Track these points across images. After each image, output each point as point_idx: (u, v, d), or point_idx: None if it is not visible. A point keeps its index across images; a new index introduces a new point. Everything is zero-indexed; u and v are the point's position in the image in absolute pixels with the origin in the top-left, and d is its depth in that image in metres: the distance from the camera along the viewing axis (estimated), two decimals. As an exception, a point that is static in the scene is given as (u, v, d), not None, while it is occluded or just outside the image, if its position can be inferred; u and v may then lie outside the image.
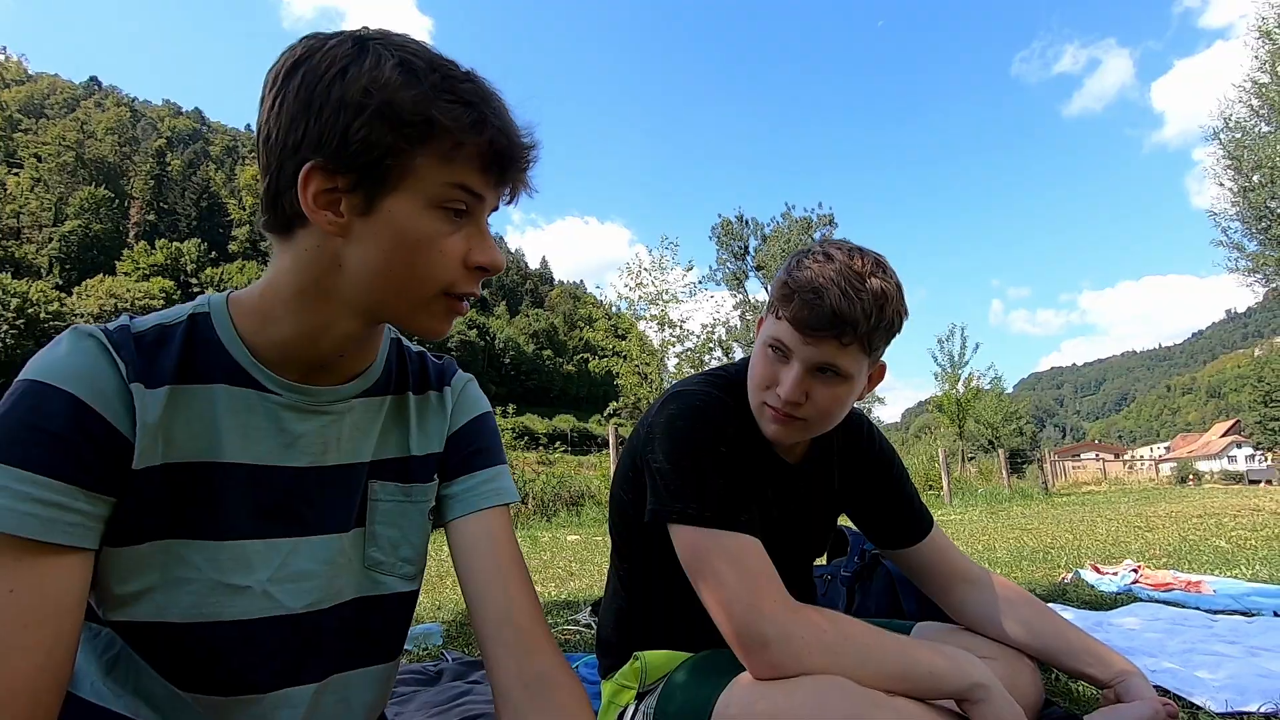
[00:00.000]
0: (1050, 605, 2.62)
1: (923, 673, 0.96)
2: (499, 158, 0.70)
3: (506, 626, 0.80)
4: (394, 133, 0.66)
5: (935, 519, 1.34)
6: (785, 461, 1.22)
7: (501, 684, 0.78)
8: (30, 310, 62.85)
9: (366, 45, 0.68)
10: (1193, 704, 1.43)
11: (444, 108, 0.66)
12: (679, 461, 1.07)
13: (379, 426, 0.86)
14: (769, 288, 1.15)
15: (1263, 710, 1.36)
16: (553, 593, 3.65)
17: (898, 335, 1.11)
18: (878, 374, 1.16)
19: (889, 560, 1.46)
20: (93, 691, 0.77)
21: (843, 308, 1.01)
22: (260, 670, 0.77)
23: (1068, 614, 2.47)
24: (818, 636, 0.95)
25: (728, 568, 1.00)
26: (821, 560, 2.22)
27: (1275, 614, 2.31)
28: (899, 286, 1.07)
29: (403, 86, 0.66)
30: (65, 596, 0.64)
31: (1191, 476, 27.50)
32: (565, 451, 17.94)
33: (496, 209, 0.76)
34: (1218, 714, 1.38)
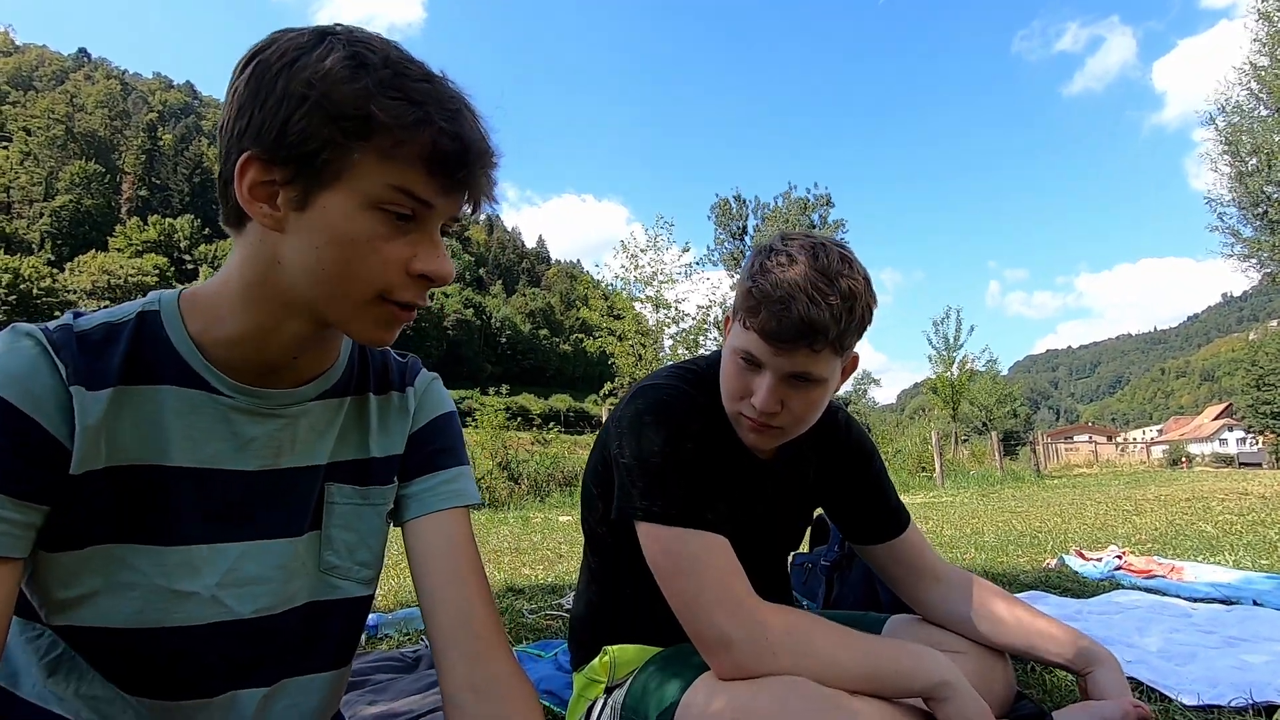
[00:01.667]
0: (1033, 591, 2.64)
1: (888, 672, 0.96)
2: (444, 160, 0.66)
3: (460, 631, 0.79)
4: (331, 126, 0.63)
5: (926, 501, 1.33)
6: (756, 457, 1.20)
7: (451, 689, 0.77)
8: (23, 287, 62.38)
9: (324, 38, 0.65)
10: (1165, 697, 1.44)
11: (385, 104, 0.63)
12: (644, 459, 1.05)
13: (337, 428, 0.84)
14: (734, 288, 1.11)
15: (1234, 704, 1.36)
16: (540, 575, 3.66)
17: (869, 327, 1.08)
18: (851, 365, 1.14)
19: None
20: (34, 693, 0.75)
21: (812, 315, 0.97)
22: (207, 675, 0.76)
23: (1050, 600, 2.48)
24: (782, 637, 0.94)
25: (692, 567, 0.99)
26: (804, 548, 2.21)
27: (1255, 603, 2.32)
28: (867, 279, 1.04)
29: (346, 80, 0.63)
30: None
31: (1184, 459, 27.68)
32: (560, 431, 17.98)
33: (457, 219, 0.73)
34: (1190, 707, 1.38)
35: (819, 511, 1.41)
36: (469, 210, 0.73)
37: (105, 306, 0.77)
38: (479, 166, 0.69)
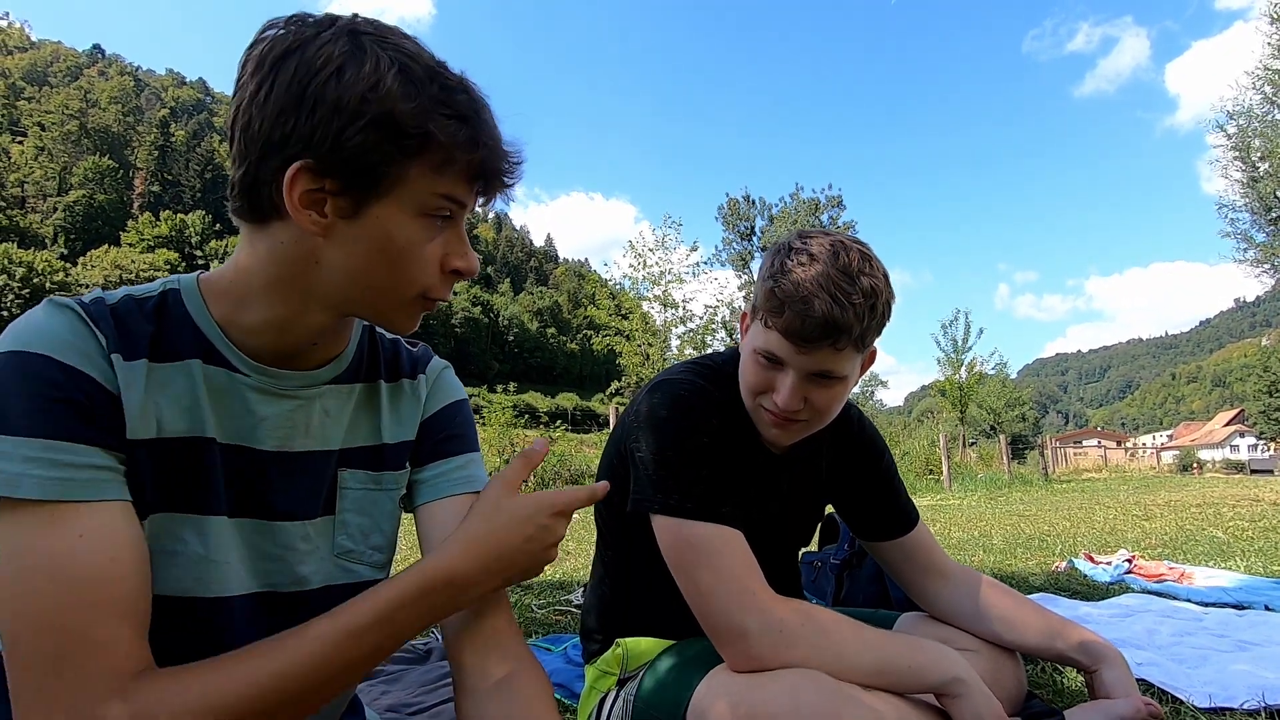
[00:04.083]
0: (1042, 594, 2.63)
1: (901, 667, 0.96)
2: (491, 175, 0.72)
3: (472, 618, 0.80)
4: (390, 142, 0.66)
5: (934, 503, 1.33)
6: (771, 452, 1.20)
7: (465, 679, 0.78)
8: (36, 280, 62.91)
9: (362, 43, 0.66)
10: (1177, 699, 1.43)
11: (441, 123, 0.67)
12: (661, 453, 1.06)
13: (349, 414, 0.85)
14: (754, 286, 1.12)
15: (1246, 707, 1.36)
16: (547, 571, 3.67)
17: (888, 323, 1.09)
18: (869, 360, 1.14)
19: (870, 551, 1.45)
20: None
21: (835, 315, 0.98)
22: (231, 649, 0.77)
23: (1060, 603, 2.48)
24: (796, 630, 0.95)
25: (708, 560, 0.99)
26: (813, 546, 2.22)
27: (1266, 608, 2.31)
28: (885, 275, 1.04)
29: (402, 97, 0.65)
30: (130, 529, 0.65)
31: (1195, 465, 27.47)
32: (567, 429, 18.04)
33: (473, 211, 0.77)
34: (1202, 709, 1.38)
35: (829, 509, 1.42)
36: (483, 205, 0.78)
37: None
38: (514, 176, 0.74)
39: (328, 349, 0.82)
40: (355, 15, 0.70)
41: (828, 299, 0.97)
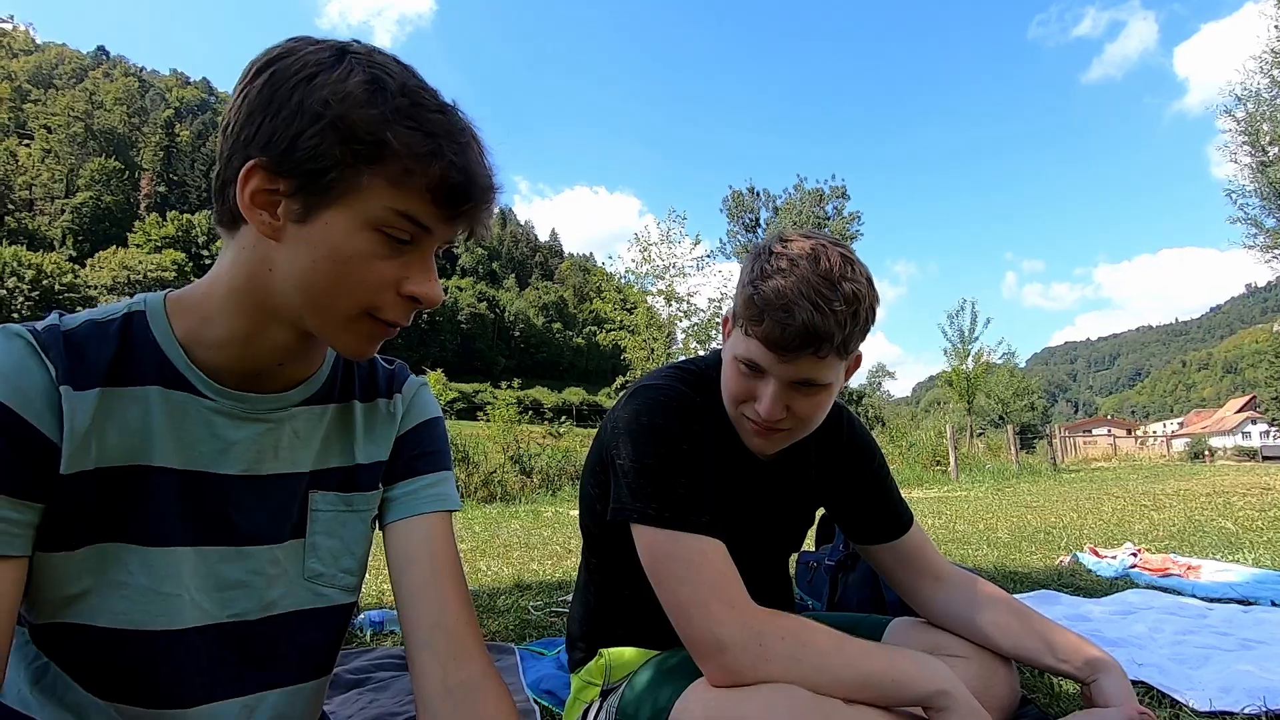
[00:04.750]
0: (1044, 590, 2.60)
1: (885, 680, 0.93)
2: (452, 192, 0.68)
3: (437, 633, 0.79)
4: (343, 148, 0.64)
5: (941, 495, 1.29)
6: (756, 459, 1.17)
7: (424, 691, 0.77)
8: (45, 283, 63.36)
9: (344, 56, 0.66)
10: (1176, 702, 1.40)
11: (400, 132, 0.65)
12: (641, 460, 1.03)
13: (321, 436, 0.84)
14: (735, 291, 1.09)
15: (1247, 710, 1.33)
16: (548, 571, 3.66)
17: (873, 327, 1.06)
18: (854, 364, 1.11)
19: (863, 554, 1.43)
20: (19, 700, 0.75)
21: (816, 322, 0.94)
22: (186, 682, 0.75)
23: (1062, 600, 2.44)
24: (775, 643, 0.92)
25: (687, 571, 0.97)
26: (811, 546, 2.19)
27: (1273, 603, 2.27)
28: (869, 279, 1.01)
29: (363, 104, 0.64)
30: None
31: (1206, 453, 27.27)
32: (573, 425, 18.08)
33: (450, 243, 0.74)
34: (1201, 713, 1.35)
35: (823, 511, 1.39)
36: (466, 238, 0.75)
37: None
38: (481, 201, 0.71)
39: (297, 370, 0.80)
40: (355, 40, 0.70)
41: (809, 307, 0.94)
